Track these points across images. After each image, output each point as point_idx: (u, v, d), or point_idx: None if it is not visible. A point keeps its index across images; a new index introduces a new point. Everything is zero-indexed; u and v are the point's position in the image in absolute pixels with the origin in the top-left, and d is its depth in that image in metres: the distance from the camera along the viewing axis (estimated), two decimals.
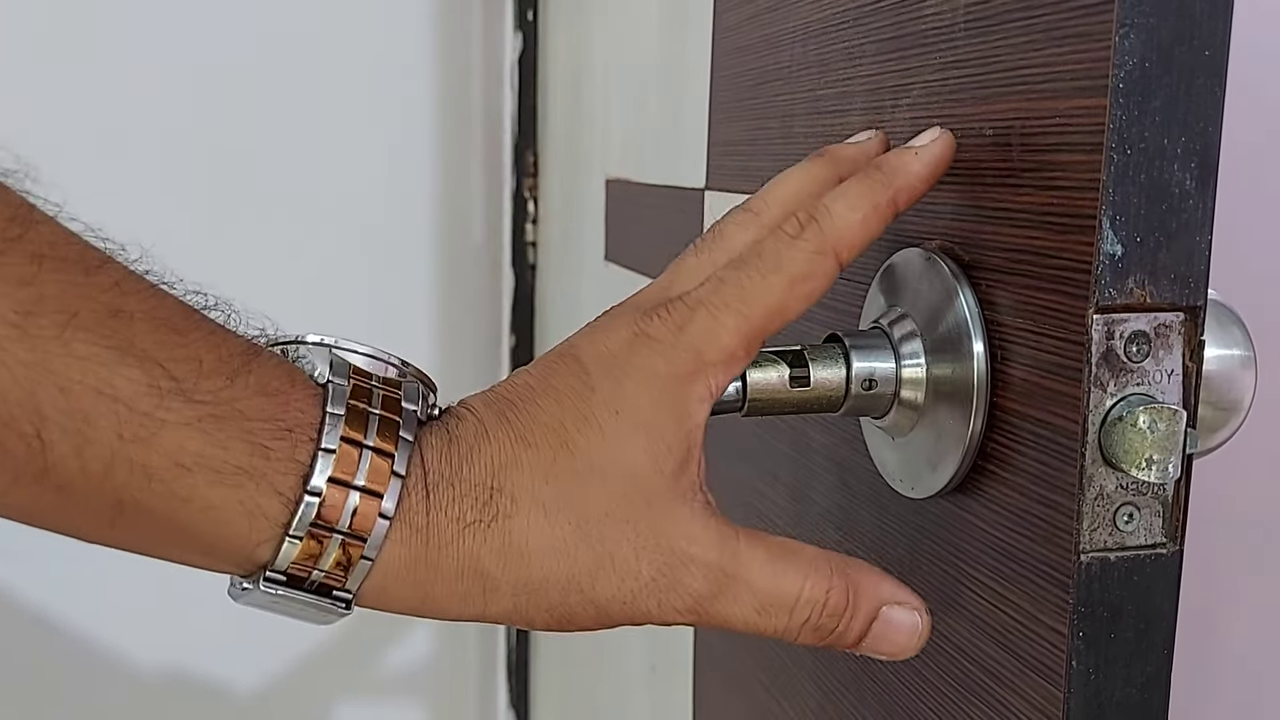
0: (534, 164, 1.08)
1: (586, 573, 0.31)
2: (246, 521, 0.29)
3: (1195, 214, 0.29)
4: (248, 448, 0.29)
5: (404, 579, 0.31)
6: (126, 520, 0.29)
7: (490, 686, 1.17)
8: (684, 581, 0.32)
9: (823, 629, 0.32)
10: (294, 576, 0.30)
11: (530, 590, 0.31)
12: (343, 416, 0.30)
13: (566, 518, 0.31)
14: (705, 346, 0.32)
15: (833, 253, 0.32)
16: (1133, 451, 0.29)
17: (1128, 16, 0.28)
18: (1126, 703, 0.30)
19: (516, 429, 0.32)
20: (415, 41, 1.06)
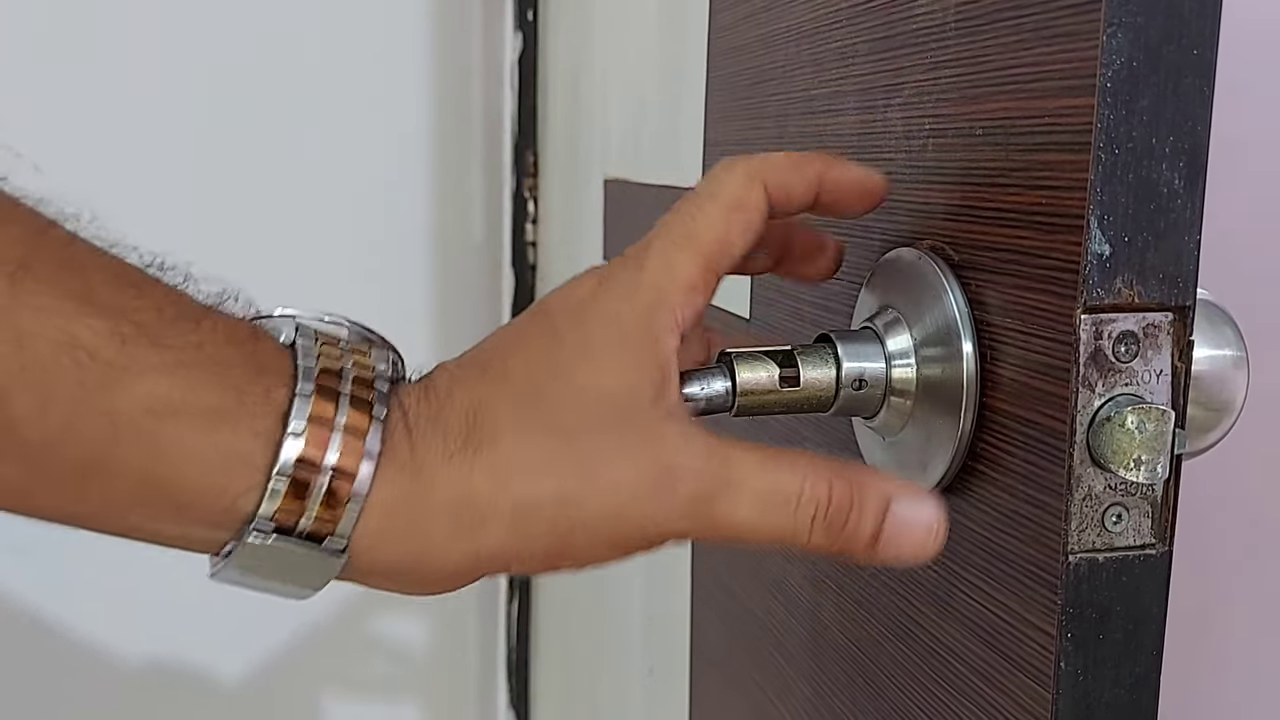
0: (534, 164, 1.08)
1: (576, 488, 0.30)
2: (224, 469, 0.28)
3: (1184, 213, 0.29)
4: (221, 391, 0.28)
5: (397, 518, 0.30)
6: (95, 485, 0.28)
7: (490, 686, 1.17)
8: (677, 487, 0.31)
9: (832, 526, 0.31)
10: (282, 526, 0.29)
11: (523, 513, 0.30)
12: (315, 369, 0.29)
13: (551, 436, 0.31)
14: (663, 280, 0.32)
15: (759, 180, 0.33)
16: (1121, 452, 0.29)
17: (1115, 16, 0.28)
18: (1115, 703, 0.30)
19: (491, 375, 0.32)
20: (415, 41, 1.06)
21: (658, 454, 0.31)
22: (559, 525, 0.30)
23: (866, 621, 0.41)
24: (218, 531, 0.29)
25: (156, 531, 0.29)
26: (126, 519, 0.29)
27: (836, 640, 0.44)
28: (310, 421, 0.29)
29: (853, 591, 0.42)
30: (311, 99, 1.04)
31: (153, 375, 0.27)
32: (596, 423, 0.31)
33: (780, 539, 0.31)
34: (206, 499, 0.28)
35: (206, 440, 0.28)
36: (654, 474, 0.31)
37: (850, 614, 0.42)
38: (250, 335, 0.30)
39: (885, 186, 0.35)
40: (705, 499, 0.31)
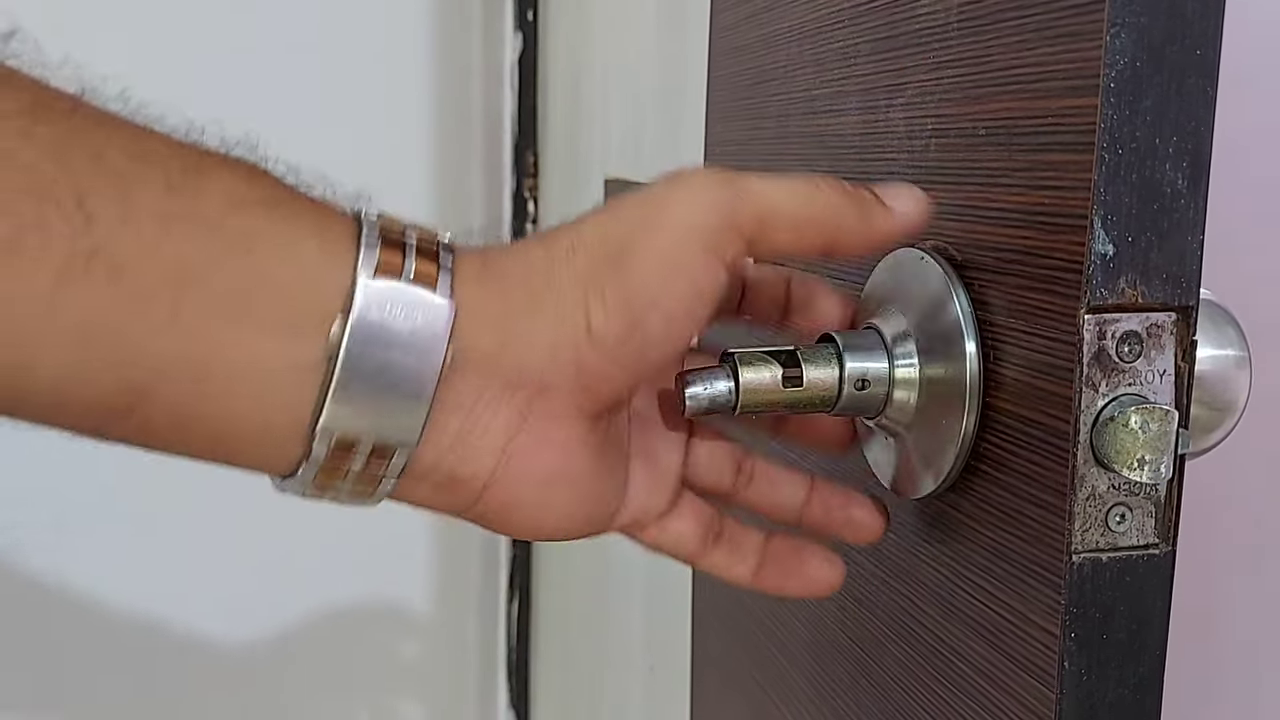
0: (534, 164, 1.08)
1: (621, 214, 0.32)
2: (318, 246, 0.29)
3: (1187, 214, 0.29)
4: (293, 194, 0.30)
5: (484, 287, 0.31)
6: (194, 295, 0.27)
7: (490, 686, 1.17)
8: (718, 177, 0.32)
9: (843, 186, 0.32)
10: (387, 271, 0.29)
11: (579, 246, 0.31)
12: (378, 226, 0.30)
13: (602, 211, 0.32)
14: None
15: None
16: (1124, 452, 0.29)
17: (1119, 16, 0.28)
18: (1119, 704, 0.30)
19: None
20: (415, 41, 1.06)
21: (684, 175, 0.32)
22: (611, 243, 0.31)
23: (869, 621, 0.41)
24: (318, 328, 0.29)
25: (258, 345, 0.28)
26: (224, 334, 0.28)
27: (838, 640, 0.44)
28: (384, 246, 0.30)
29: (855, 591, 0.42)
30: (311, 99, 1.04)
31: (229, 175, 0.29)
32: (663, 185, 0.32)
33: (806, 198, 0.32)
34: (304, 283, 0.29)
35: (295, 228, 0.29)
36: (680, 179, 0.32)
37: (852, 614, 0.42)
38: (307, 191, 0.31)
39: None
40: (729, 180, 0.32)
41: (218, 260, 0.28)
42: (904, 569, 0.38)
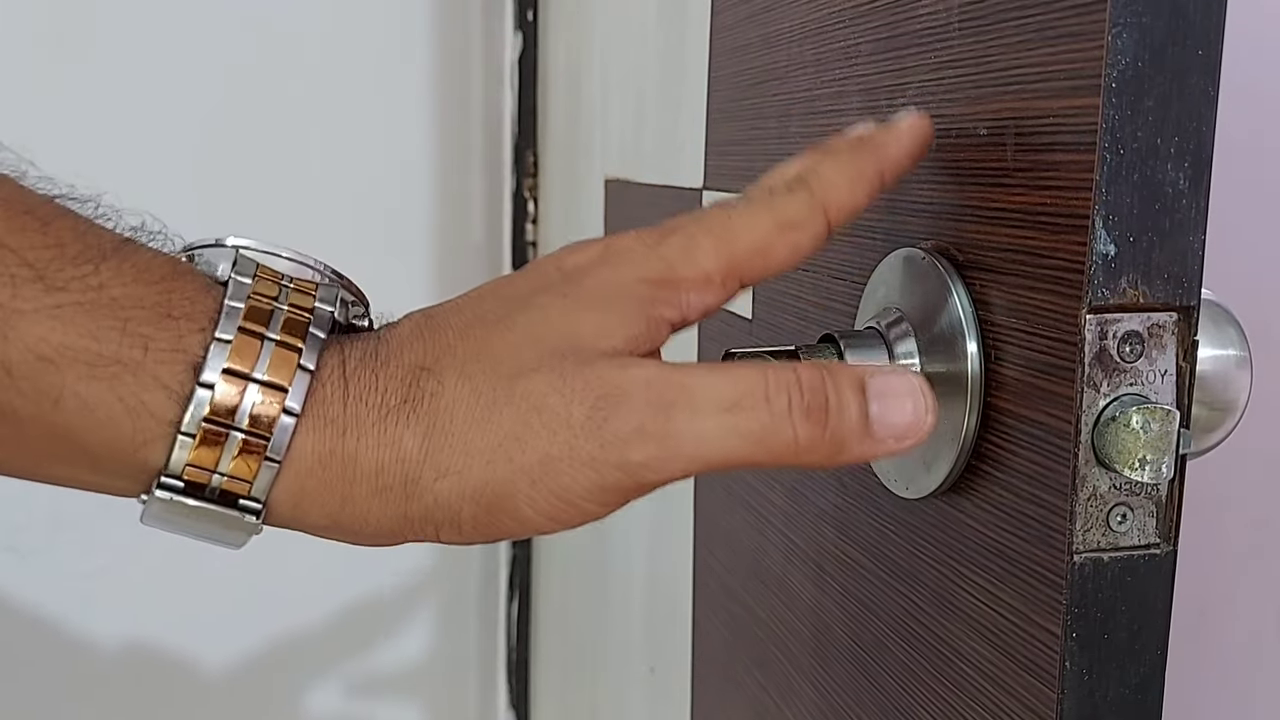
0: (534, 164, 1.08)
1: (513, 435, 0.27)
2: (129, 420, 0.26)
3: (1188, 213, 0.29)
4: (121, 336, 0.26)
5: (318, 479, 0.28)
6: (1, 433, 0.26)
7: (490, 686, 1.17)
8: (625, 405, 0.27)
9: (812, 410, 0.28)
10: (192, 483, 0.27)
11: (454, 473, 0.28)
12: (242, 309, 0.27)
13: (492, 384, 0.28)
14: (679, 261, 0.29)
15: (821, 208, 0.31)
16: (1126, 452, 0.29)
17: (1120, 16, 0.28)
18: (1120, 703, 0.30)
19: (457, 327, 0.29)
20: (415, 41, 1.06)
21: (604, 377, 0.28)
22: (494, 479, 0.28)
23: (870, 621, 0.41)
24: (132, 483, 0.28)
25: (78, 480, 0.28)
26: (43, 469, 0.28)
27: (839, 640, 0.44)
28: (225, 374, 0.27)
29: (855, 591, 0.42)
30: (311, 99, 1.04)
31: (45, 320, 0.25)
32: (545, 360, 0.28)
33: (764, 442, 0.28)
34: (114, 450, 0.27)
35: (107, 391, 0.26)
36: (600, 400, 0.28)
37: (853, 614, 0.42)
38: (168, 273, 0.28)
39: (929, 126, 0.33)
40: (660, 413, 0.27)
41: (27, 413, 0.26)
42: (905, 568, 0.38)
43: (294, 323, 0.28)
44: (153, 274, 0.27)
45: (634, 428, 0.27)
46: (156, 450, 0.27)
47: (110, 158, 0.99)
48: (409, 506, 0.28)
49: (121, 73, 0.99)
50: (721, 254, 0.30)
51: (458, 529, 0.28)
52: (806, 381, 0.28)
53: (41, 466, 0.28)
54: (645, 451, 0.28)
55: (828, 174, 0.31)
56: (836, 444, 0.28)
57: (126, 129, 0.99)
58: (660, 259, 0.30)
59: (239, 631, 1.07)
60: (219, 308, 0.27)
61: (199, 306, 0.27)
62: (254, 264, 0.29)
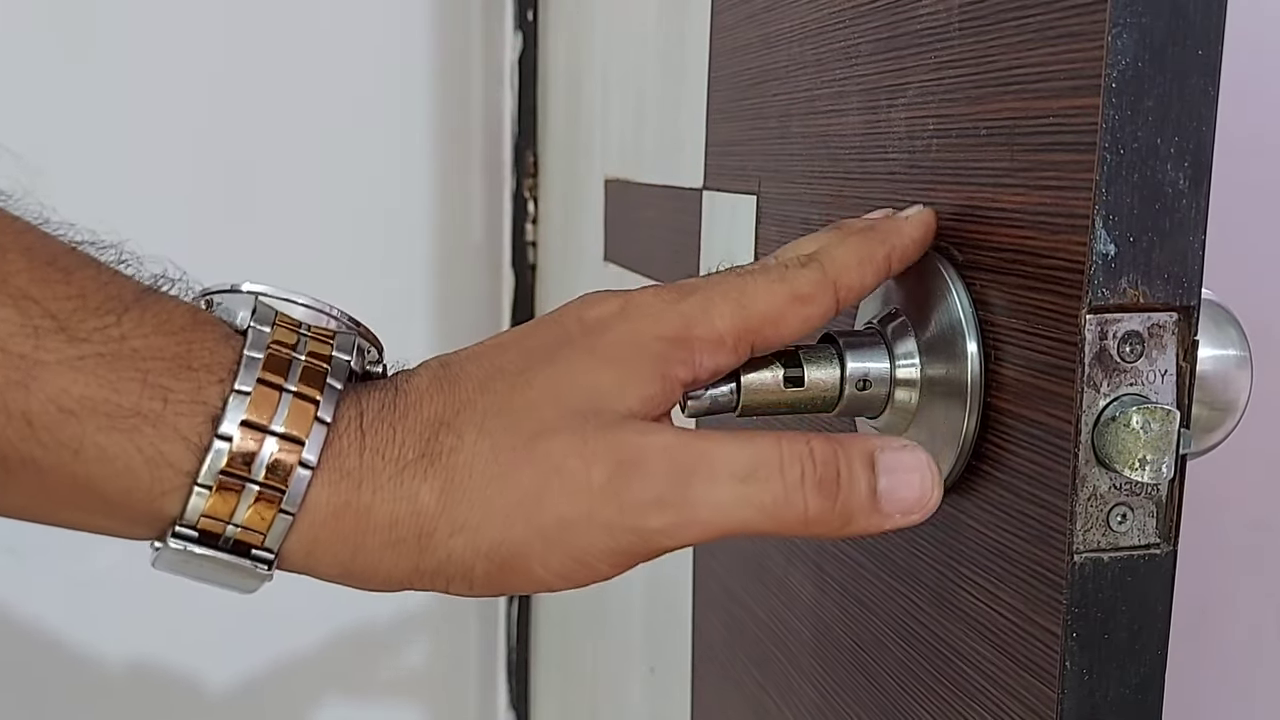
0: (534, 164, 1.08)
1: (531, 495, 0.28)
2: (148, 471, 0.27)
3: (1189, 214, 0.29)
4: (141, 388, 0.26)
5: (332, 530, 0.28)
6: (15, 480, 0.27)
7: (490, 686, 1.17)
8: (644, 471, 0.28)
9: (824, 483, 0.29)
10: (206, 533, 0.28)
11: (469, 529, 0.28)
12: (261, 360, 0.28)
13: (511, 442, 0.28)
14: (695, 320, 0.30)
15: (832, 285, 0.32)
16: (1126, 452, 0.29)
17: (1120, 16, 0.28)
18: (1121, 703, 0.30)
19: (476, 380, 0.29)
20: (415, 41, 1.06)
21: (624, 442, 0.28)
22: (510, 538, 0.28)
23: (870, 622, 0.41)
24: (147, 530, 0.28)
25: (94, 525, 0.28)
26: (59, 515, 0.28)
27: (839, 640, 0.44)
28: (243, 425, 0.27)
29: (855, 592, 0.42)
30: (311, 99, 1.04)
31: (67, 371, 0.26)
32: (566, 421, 0.28)
33: (775, 513, 0.29)
34: (131, 500, 0.27)
35: (127, 442, 0.26)
36: (620, 466, 0.28)
37: (853, 614, 0.42)
38: (189, 323, 0.28)
39: (935, 218, 0.34)
40: (679, 482, 0.28)
41: (48, 463, 0.27)
42: (905, 568, 0.38)
43: (312, 373, 0.28)
44: (173, 324, 0.27)
45: (654, 496, 0.28)
46: (173, 500, 0.27)
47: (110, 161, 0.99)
48: (421, 560, 0.28)
49: (121, 74, 0.99)
50: (737, 317, 0.31)
51: (469, 584, 0.29)
52: (819, 454, 0.29)
53: (59, 513, 0.28)
54: (663, 519, 0.28)
55: (840, 254, 0.33)
56: (845, 517, 0.29)
57: (125, 131, 0.99)
58: (678, 315, 0.30)
59: (239, 632, 1.07)
60: (238, 358, 0.28)
61: (218, 357, 0.28)
62: (273, 311, 0.29)
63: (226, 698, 1.09)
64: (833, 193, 0.43)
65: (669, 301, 0.31)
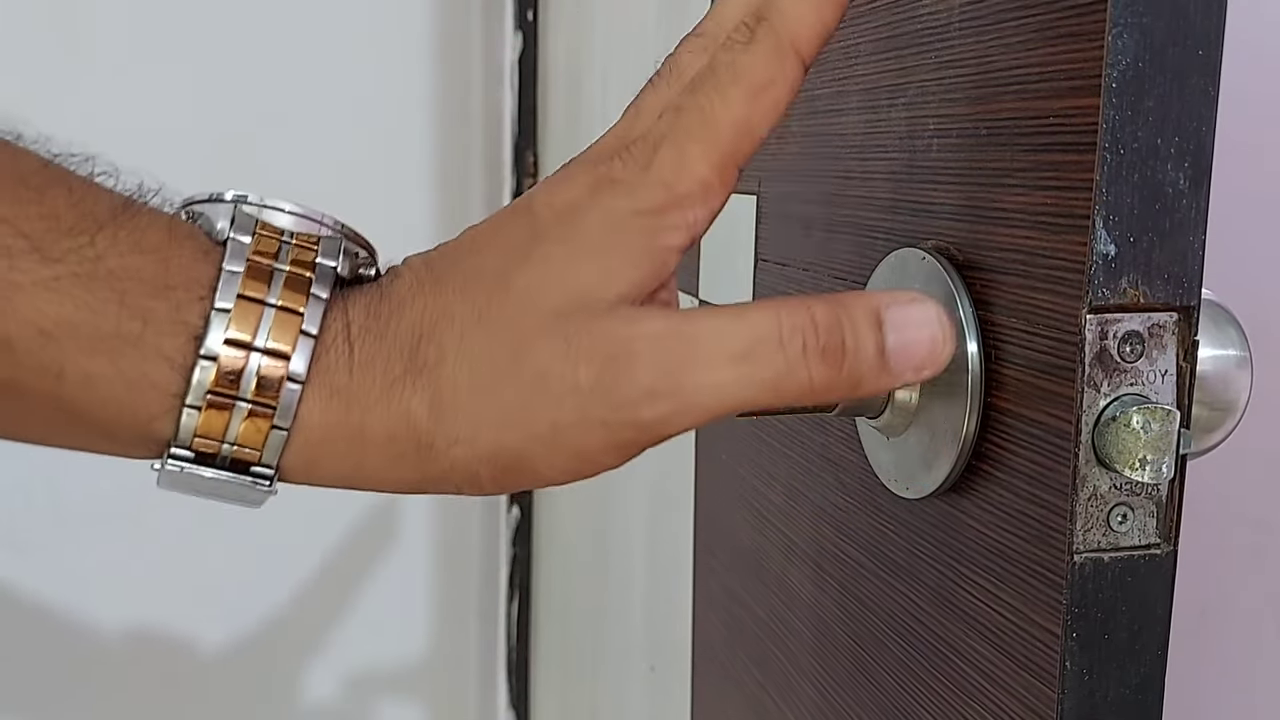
0: (534, 164, 1.08)
1: (520, 405, 0.27)
2: (133, 393, 0.26)
3: (1189, 214, 0.29)
4: (120, 309, 0.26)
5: (330, 448, 0.28)
6: (6, 406, 0.26)
7: (490, 686, 1.17)
8: (634, 365, 0.27)
9: (829, 350, 0.27)
10: (202, 453, 0.27)
11: (465, 440, 0.27)
12: (240, 273, 0.27)
13: (493, 355, 0.27)
14: (675, 179, 0.28)
15: (791, 50, 0.29)
16: (1126, 452, 0.29)
17: (1121, 16, 0.28)
18: (1120, 703, 0.30)
19: (456, 283, 0.29)
20: (415, 41, 1.06)
21: (611, 334, 0.27)
22: (506, 444, 0.27)
23: (869, 621, 0.41)
24: (147, 450, 0.28)
25: (94, 447, 0.28)
26: (54, 438, 0.28)
27: (839, 639, 0.44)
28: (228, 344, 0.26)
29: (855, 590, 0.42)
30: (311, 99, 1.04)
31: (43, 293, 0.25)
32: (549, 323, 0.27)
33: (778, 388, 0.27)
34: (122, 423, 0.27)
35: (109, 365, 0.26)
36: (608, 360, 0.27)
37: (853, 613, 0.42)
38: (165, 239, 0.27)
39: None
40: (670, 371, 0.27)
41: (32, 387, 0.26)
42: (905, 568, 0.38)
43: (295, 282, 0.27)
44: (149, 241, 0.27)
45: (645, 389, 0.27)
46: (164, 423, 0.27)
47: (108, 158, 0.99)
48: (425, 469, 0.28)
49: (121, 74, 0.99)
50: (713, 153, 0.28)
51: (477, 487, 0.28)
52: (822, 321, 0.27)
53: (54, 437, 0.28)
54: (658, 410, 0.27)
55: (788, 5, 0.29)
56: (853, 382, 0.28)
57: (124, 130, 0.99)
58: (657, 184, 0.28)
59: (239, 632, 1.07)
60: (217, 273, 0.27)
61: (197, 273, 0.27)
62: (253, 220, 0.28)
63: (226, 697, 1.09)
64: (833, 192, 0.43)
65: (640, 167, 0.28)
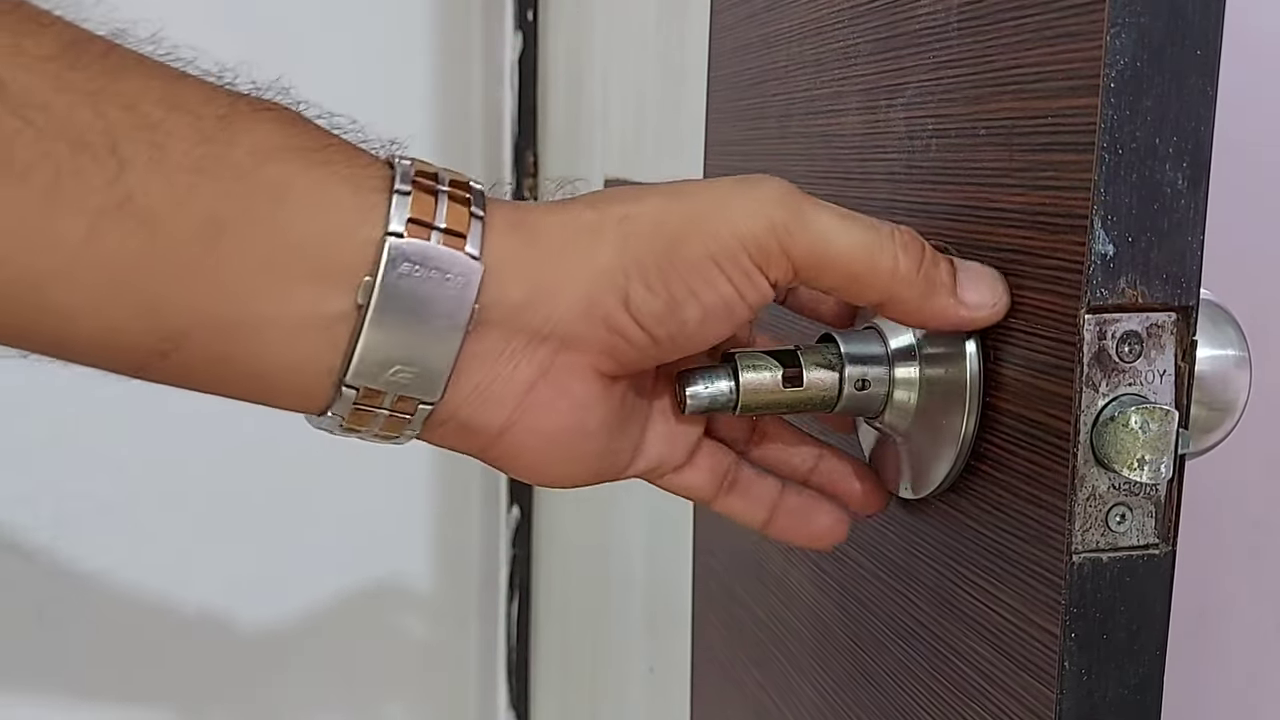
0: (534, 164, 1.08)
1: (678, 195, 0.32)
2: (350, 195, 0.29)
3: (1187, 213, 0.29)
4: (326, 140, 0.29)
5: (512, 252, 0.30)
6: (226, 245, 0.27)
7: (490, 686, 1.17)
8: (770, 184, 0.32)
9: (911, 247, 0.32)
10: (415, 234, 0.29)
11: (630, 221, 0.31)
12: (410, 172, 0.30)
13: (662, 190, 0.32)
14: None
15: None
16: (1125, 452, 0.29)
17: (1119, 16, 0.28)
18: (1119, 704, 0.30)
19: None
20: (415, 41, 1.06)
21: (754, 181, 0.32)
22: (666, 227, 0.31)
23: (869, 621, 0.41)
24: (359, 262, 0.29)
25: (289, 296, 0.29)
26: (253, 285, 0.28)
27: (839, 640, 0.44)
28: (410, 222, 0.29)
29: (855, 591, 0.42)
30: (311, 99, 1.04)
31: (263, 123, 0.28)
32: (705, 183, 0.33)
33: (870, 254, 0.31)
34: (340, 234, 0.29)
35: (327, 174, 0.28)
36: (749, 184, 0.32)
37: (853, 614, 0.42)
38: (339, 136, 0.30)
39: None
40: (795, 204, 0.31)
41: (249, 211, 0.28)
42: (904, 568, 0.38)
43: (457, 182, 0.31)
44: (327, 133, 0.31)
45: (778, 199, 0.31)
46: (375, 220, 0.29)
47: None
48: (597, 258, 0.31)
49: None
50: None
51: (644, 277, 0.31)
52: (907, 232, 0.32)
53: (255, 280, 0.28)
54: (782, 215, 0.31)
55: None
56: (929, 285, 0.31)
57: None
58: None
59: (239, 633, 1.07)
60: (392, 173, 0.30)
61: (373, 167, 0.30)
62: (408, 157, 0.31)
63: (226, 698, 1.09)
64: (833, 193, 0.43)
65: None
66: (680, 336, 0.32)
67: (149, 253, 0.27)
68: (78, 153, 0.26)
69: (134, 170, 0.26)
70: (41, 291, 0.26)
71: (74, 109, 0.26)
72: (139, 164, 0.27)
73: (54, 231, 0.26)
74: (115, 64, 0.28)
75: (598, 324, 0.31)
